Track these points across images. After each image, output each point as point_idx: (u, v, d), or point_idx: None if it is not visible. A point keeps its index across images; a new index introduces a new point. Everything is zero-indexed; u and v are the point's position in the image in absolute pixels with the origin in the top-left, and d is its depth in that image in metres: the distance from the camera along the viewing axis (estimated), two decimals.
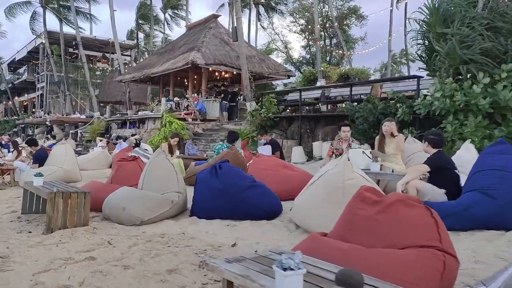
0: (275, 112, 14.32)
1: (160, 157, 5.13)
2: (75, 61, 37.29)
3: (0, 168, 8.06)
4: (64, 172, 8.17)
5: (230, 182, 4.69)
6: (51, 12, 32.49)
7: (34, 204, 5.46)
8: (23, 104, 44.86)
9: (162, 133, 15.85)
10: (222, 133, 16.00)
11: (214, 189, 4.73)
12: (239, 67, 18.58)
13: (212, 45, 18.83)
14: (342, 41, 36.64)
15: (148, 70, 20.13)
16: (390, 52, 37.30)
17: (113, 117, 22.57)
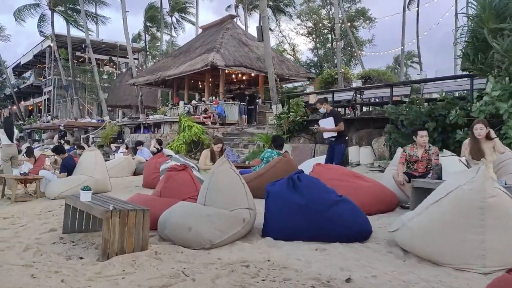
0: (302, 115, 13.64)
1: (225, 166, 4.44)
2: (81, 64, 36.73)
3: (26, 178, 7.37)
4: (95, 182, 7.47)
5: (314, 197, 4.00)
6: (59, 14, 31.90)
7: (77, 222, 4.77)
8: (28, 108, 44.26)
9: (182, 138, 15.18)
10: (244, 137, 15.33)
11: (294, 205, 4.03)
12: (259, 68, 17.93)
13: (231, 46, 18.18)
14: (354, 42, 35.90)
15: (164, 73, 19.47)
16: (403, 53, 36.69)
17: (125, 121, 21.90)
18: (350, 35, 33.79)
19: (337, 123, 7.28)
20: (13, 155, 9.24)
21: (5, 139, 9.17)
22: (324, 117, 7.56)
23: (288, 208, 4.06)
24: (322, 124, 7.50)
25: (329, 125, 7.33)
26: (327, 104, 7.63)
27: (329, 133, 7.36)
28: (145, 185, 8.25)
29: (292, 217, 4.03)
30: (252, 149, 14.20)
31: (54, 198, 7.15)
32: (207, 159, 7.02)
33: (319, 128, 7.51)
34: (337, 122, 7.27)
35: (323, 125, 7.43)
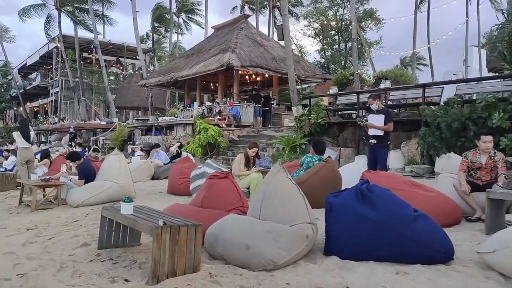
0: (323, 117, 13.16)
1: (281, 175, 3.96)
2: (88, 66, 36.38)
3: (47, 184, 6.91)
4: (119, 188, 7.02)
5: (389, 211, 3.52)
6: (66, 15, 31.54)
7: (113, 236, 4.30)
8: (34, 110, 43.94)
9: (198, 141, 14.72)
10: (262, 140, 14.86)
11: (364, 220, 3.55)
12: (275, 69, 17.48)
13: (246, 46, 17.73)
14: (365, 42, 35.38)
15: (176, 73, 19.03)
16: (414, 55, 36.18)
17: (136, 123, 21.47)
18: (361, 35, 33.22)
19: (387, 122, 6.80)
20: (29, 159, 8.82)
21: (22, 142, 8.74)
22: (374, 114, 7.04)
23: (357, 223, 3.58)
24: (370, 120, 7.00)
25: (379, 122, 6.84)
26: (379, 100, 7.12)
27: (375, 131, 6.86)
28: (170, 191, 7.79)
29: (362, 233, 3.55)
30: (272, 152, 13.72)
31: (77, 205, 6.70)
32: (241, 164, 6.55)
33: (367, 123, 7.01)
34: (387, 121, 6.79)
35: (371, 121, 6.94)
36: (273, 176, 3.98)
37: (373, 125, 6.87)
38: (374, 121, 6.87)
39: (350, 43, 46.58)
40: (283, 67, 17.85)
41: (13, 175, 10.27)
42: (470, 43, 44.86)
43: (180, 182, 7.51)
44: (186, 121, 16.79)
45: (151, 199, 7.39)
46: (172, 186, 7.69)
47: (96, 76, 36.62)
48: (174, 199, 7.25)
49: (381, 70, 21.77)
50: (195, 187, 6.42)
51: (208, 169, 6.30)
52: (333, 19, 47.37)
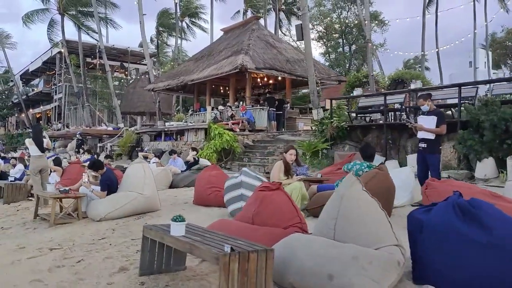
0: (345, 120, 12.58)
1: (357, 187, 3.37)
2: (91, 71, 35.87)
3: (67, 196, 6.30)
4: (145, 200, 6.42)
5: (505, 232, 2.91)
6: (69, 19, 31.05)
7: (156, 259, 3.69)
8: (36, 116, 43.39)
9: (213, 146, 14.12)
10: (279, 145, 14.26)
11: (471, 243, 2.94)
12: (289, 71, 16.93)
13: (259, 48, 17.18)
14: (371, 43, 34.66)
15: (186, 77, 18.47)
16: (423, 56, 35.66)
17: (144, 129, 20.89)
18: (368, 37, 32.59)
19: (439, 125, 6.17)
20: (43, 168, 8.22)
21: (34, 150, 8.15)
22: (425, 115, 6.42)
23: (460, 248, 2.97)
24: (420, 122, 6.38)
25: (430, 124, 6.21)
26: (431, 101, 6.50)
27: (425, 134, 6.25)
28: (197, 201, 7.17)
29: (467, 259, 2.94)
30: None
31: (99, 219, 6.09)
32: (281, 172, 5.94)
33: (417, 125, 6.39)
34: (439, 123, 6.16)
35: (422, 123, 6.32)
36: (348, 188, 3.38)
37: (423, 127, 6.26)
38: (425, 123, 6.26)
39: (354, 46, 46.22)
40: (297, 69, 17.31)
41: (23, 185, 9.68)
42: (475, 45, 44.42)
43: (209, 192, 6.90)
44: (199, 125, 16.20)
45: (178, 210, 6.76)
46: (200, 196, 7.07)
47: (99, 82, 36.15)
48: (204, 210, 6.65)
49: (397, 71, 21.19)
50: (230, 199, 5.82)
51: (246, 178, 5.69)
52: (337, 22, 46.97)
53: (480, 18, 36.28)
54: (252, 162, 13.97)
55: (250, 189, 5.62)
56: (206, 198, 6.91)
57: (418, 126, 6.32)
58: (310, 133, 14.94)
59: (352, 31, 45.00)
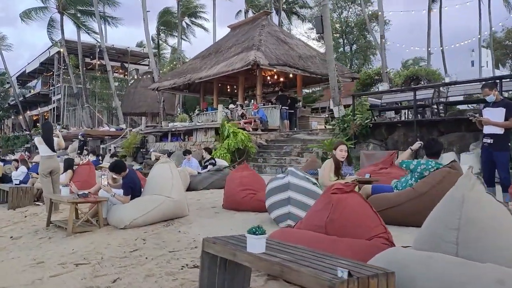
0: (368, 117, 11.91)
1: (479, 189, 2.65)
2: (90, 71, 35.03)
3: (87, 200, 5.55)
4: (173, 204, 5.69)
5: None
6: (69, 18, 30.23)
7: (217, 278, 2.96)
8: (33, 118, 42.43)
9: (226, 146, 13.39)
10: (296, 144, 13.57)
11: None
12: (302, 68, 16.24)
13: (270, 43, 16.48)
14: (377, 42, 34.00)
15: (194, 75, 17.73)
16: (429, 55, 35.04)
17: (150, 129, 20.13)
18: (373, 35, 32.07)
19: (508, 117, 5.43)
20: (53, 169, 7.45)
21: (45, 149, 7.38)
22: (490, 106, 5.66)
23: None
24: (486, 114, 5.63)
25: (497, 117, 5.48)
26: (497, 90, 5.76)
27: (492, 129, 5.52)
28: (229, 205, 6.44)
29: None
30: (309, 158, 12.41)
31: (124, 227, 5.35)
32: (331, 172, 5.22)
33: (482, 118, 5.63)
34: (509, 115, 5.42)
35: (488, 116, 5.58)
36: (469, 190, 2.66)
37: (489, 121, 5.55)
38: (492, 115, 5.54)
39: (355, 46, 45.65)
40: (310, 65, 16.63)
41: (29, 188, 8.91)
42: (476, 44, 43.97)
43: (243, 195, 6.18)
44: (209, 125, 15.47)
45: (210, 216, 6.05)
46: (232, 199, 6.34)
47: (99, 82, 35.32)
48: (238, 216, 5.93)
49: (411, 68, 20.56)
50: (275, 203, 5.09)
51: (294, 179, 4.97)
52: (338, 22, 46.46)
53: (483, 17, 35.79)
54: (268, 163, 13.26)
55: (299, 192, 4.92)
56: (240, 202, 6.19)
57: (484, 119, 5.59)
58: (327, 132, 14.28)
59: (353, 30, 44.51)
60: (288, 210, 4.91)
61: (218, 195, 8.42)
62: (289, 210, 4.91)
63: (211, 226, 5.29)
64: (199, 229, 5.17)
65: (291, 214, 4.89)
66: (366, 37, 45.23)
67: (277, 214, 5.04)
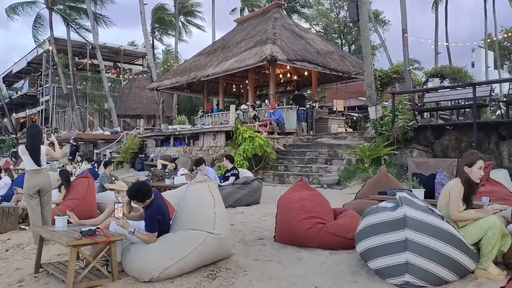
0: (409, 118, 10.34)
1: None
2: (80, 72, 33.04)
3: (94, 240, 3.78)
4: (218, 243, 3.99)
5: None
6: (58, 14, 28.24)
7: None
8: (20, 121, 40.22)
9: (242, 152, 11.69)
10: (321, 150, 11.93)
11: None
12: (322, 64, 14.61)
13: (286, 37, 14.84)
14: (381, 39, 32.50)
15: (199, 73, 15.99)
16: (437, 54, 33.69)
17: (149, 133, 18.33)
18: (378, 33, 30.57)
19: None
20: (42, 188, 5.65)
21: (29, 162, 5.62)
22: None
23: None
24: None
25: None
26: None
27: None
28: (284, 239, 4.73)
29: None
30: (341, 166, 10.79)
31: (150, 279, 3.64)
32: (459, 198, 3.55)
33: None
34: None
35: None
36: None
37: None
38: None
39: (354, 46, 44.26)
40: (330, 62, 15.01)
41: (13, 208, 7.12)
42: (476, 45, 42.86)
43: (308, 225, 4.48)
44: (219, 128, 13.75)
45: (265, 257, 4.35)
46: (290, 231, 4.62)
47: (90, 83, 33.33)
48: (306, 256, 4.26)
49: (435, 66, 19.08)
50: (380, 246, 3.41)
51: (412, 211, 3.28)
52: (336, 22, 45.23)
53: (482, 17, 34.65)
54: (290, 171, 11.61)
55: (421, 231, 3.27)
56: (303, 235, 4.50)
57: None
58: (356, 135, 12.68)
59: (351, 31, 43.25)
60: (406, 259, 3.25)
61: (253, 216, 6.74)
62: (406, 259, 3.25)
63: (278, 279, 3.62)
64: (262, 284, 3.50)
65: (411, 265, 3.23)
66: None
67: (385, 264, 3.38)
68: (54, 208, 6.62)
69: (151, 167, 16.43)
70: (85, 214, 7.57)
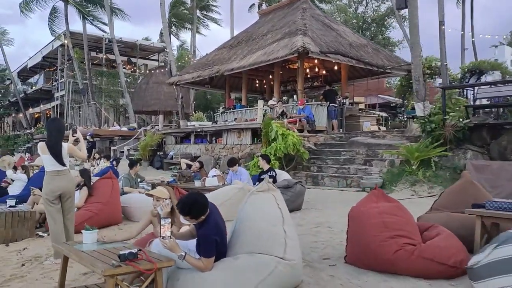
0: (461, 116, 9.33)
1: None
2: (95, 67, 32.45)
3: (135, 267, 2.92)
4: (291, 271, 3.12)
5: None
6: (74, 7, 27.62)
7: None
8: (34, 116, 39.85)
9: (273, 151, 10.80)
10: (358, 149, 11.01)
11: None
12: (356, 57, 13.64)
13: (316, 29, 13.91)
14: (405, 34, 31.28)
15: (223, 66, 15.15)
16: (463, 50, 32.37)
17: (168, 129, 17.57)
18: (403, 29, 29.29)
19: None
20: (64, 192, 4.83)
21: (50, 162, 4.81)
22: None
23: None
24: None
25: None
26: None
27: None
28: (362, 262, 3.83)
29: None
30: (383, 168, 9.85)
31: None
32: None
33: None
34: None
35: None
36: None
37: None
38: None
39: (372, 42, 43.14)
40: (363, 55, 14.04)
41: (29, 213, 6.30)
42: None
43: (394, 246, 3.57)
44: (246, 125, 12.90)
45: (333, 283, 3.46)
46: (370, 254, 3.70)
47: (105, 78, 32.73)
48: (397, 285, 3.36)
49: (472, 61, 17.95)
50: None
51: None
52: (354, 17, 44.11)
53: None
54: (325, 172, 10.70)
55: None
56: (388, 259, 3.59)
57: None
58: (396, 134, 11.72)
59: (370, 27, 42.06)
60: None
61: (303, 227, 5.85)
62: None
63: None
64: None
65: None
66: (385, 33, 42.65)
67: None
68: (76, 214, 5.80)
69: (170, 165, 15.67)
70: (109, 219, 6.82)
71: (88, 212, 6.45)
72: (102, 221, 6.54)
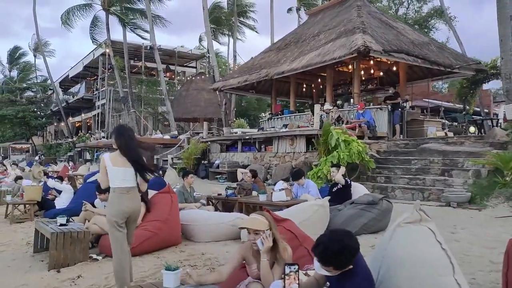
0: None
1: None
2: (134, 75, 32.43)
3: None
4: None
5: None
6: (115, 16, 27.68)
7: None
8: (75, 125, 40.38)
9: (335, 158, 9.78)
10: (431, 158, 9.81)
11: None
12: (421, 56, 12.45)
13: (375, 26, 12.83)
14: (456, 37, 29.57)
15: (271, 70, 14.29)
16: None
17: (213, 137, 16.86)
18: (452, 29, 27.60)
19: None
20: (133, 214, 3.99)
21: (121, 177, 3.93)
22: None
23: None
24: None
25: None
26: None
27: None
28: None
29: None
30: (469, 179, 8.63)
31: None
32: None
33: None
34: None
35: None
36: None
37: None
38: None
39: None
40: (428, 54, 12.82)
41: (83, 233, 5.51)
42: None
43: None
44: (300, 131, 11.94)
45: None
46: None
47: (144, 86, 32.70)
48: None
49: None
50: None
51: None
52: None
53: None
54: (395, 184, 9.56)
55: None
56: None
57: None
58: (474, 140, 10.44)
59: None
60: None
61: None
62: None
63: None
64: None
65: None
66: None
67: None
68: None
69: (216, 174, 14.91)
70: (168, 240, 5.98)
71: (146, 232, 5.64)
72: (161, 242, 5.74)
